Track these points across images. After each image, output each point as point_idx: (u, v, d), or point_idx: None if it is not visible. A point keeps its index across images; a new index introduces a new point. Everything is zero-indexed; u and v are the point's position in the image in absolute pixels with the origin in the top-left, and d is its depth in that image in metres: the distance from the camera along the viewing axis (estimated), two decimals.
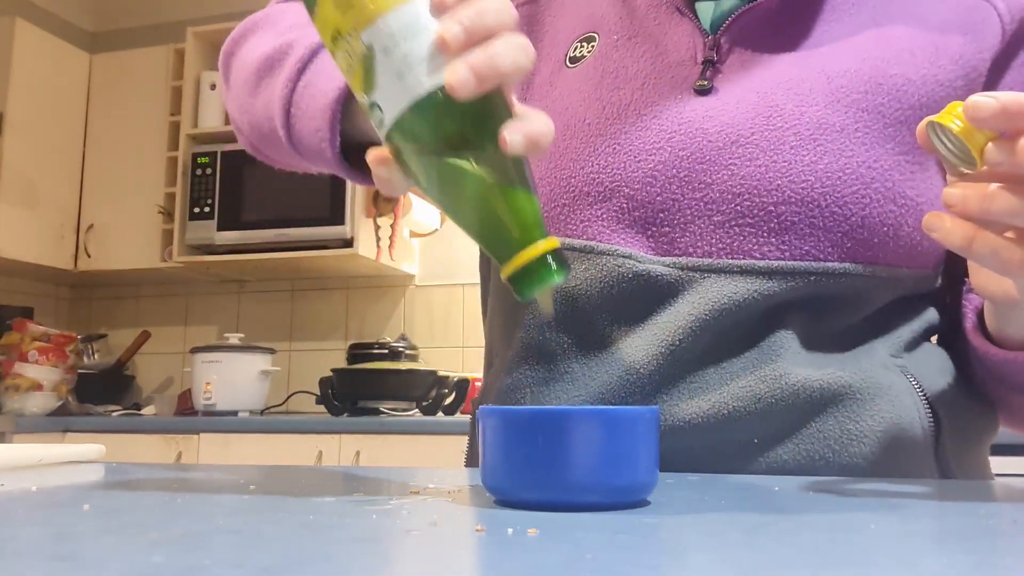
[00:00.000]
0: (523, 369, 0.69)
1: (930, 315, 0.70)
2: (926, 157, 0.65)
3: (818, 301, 0.64)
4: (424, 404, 2.55)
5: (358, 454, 2.36)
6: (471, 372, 2.70)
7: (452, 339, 3.00)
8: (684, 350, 0.63)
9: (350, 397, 2.55)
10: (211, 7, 3.33)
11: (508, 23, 0.44)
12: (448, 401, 2.57)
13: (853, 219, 0.62)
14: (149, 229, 3.02)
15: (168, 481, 0.55)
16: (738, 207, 0.63)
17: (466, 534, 0.36)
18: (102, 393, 3.02)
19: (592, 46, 0.73)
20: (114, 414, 2.83)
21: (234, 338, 2.82)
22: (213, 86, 2.99)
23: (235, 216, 2.86)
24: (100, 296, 3.43)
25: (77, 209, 3.12)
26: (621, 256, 0.65)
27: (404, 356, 2.67)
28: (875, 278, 0.64)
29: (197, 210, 2.89)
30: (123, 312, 3.38)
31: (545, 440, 0.41)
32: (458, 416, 2.55)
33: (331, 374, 2.59)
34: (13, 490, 0.49)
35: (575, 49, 0.74)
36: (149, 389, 3.30)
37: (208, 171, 2.90)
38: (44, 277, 3.24)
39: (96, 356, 3.17)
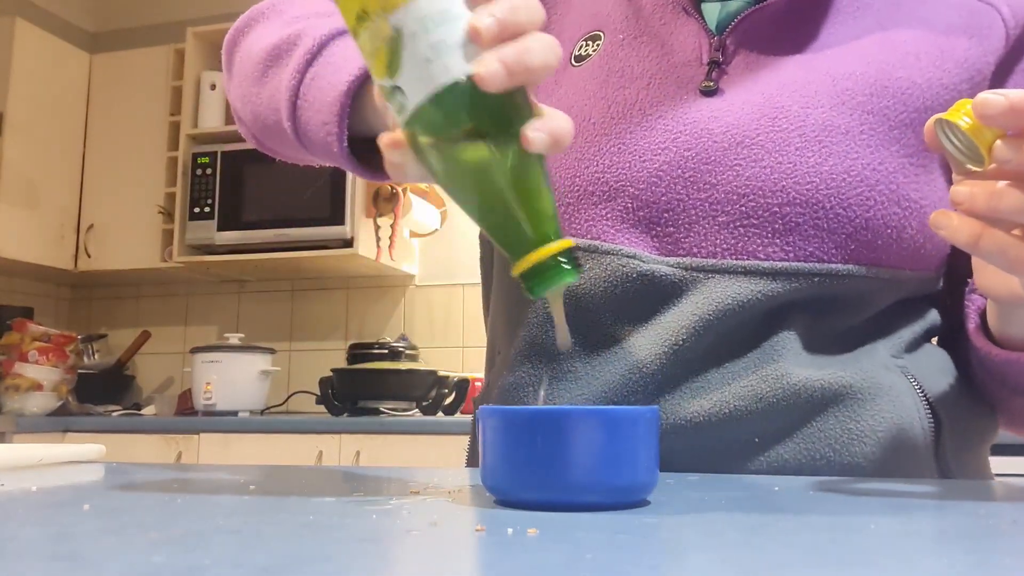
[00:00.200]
0: (525, 367, 0.69)
1: (931, 317, 0.70)
2: (930, 160, 0.65)
3: (821, 302, 0.64)
4: (424, 404, 2.55)
5: (358, 454, 2.36)
6: (471, 372, 2.70)
7: (452, 339, 3.00)
8: (687, 350, 0.63)
9: (350, 397, 2.55)
10: (211, 7, 3.33)
11: (538, 22, 0.44)
12: (448, 401, 2.57)
13: (857, 221, 0.62)
14: (149, 229, 3.02)
15: (168, 481, 0.55)
16: (743, 208, 0.63)
17: (466, 534, 0.36)
18: (102, 393, 3.02)
19: (597, 45, 0.73)
20: (114, 414, 2.83)
21: (234, 338, 2.82)
22: (213, 86, 3.00)
23: (235, 216, 2.85)
24: (100, 296, 3.43)
25: (77, 209, 3.12)
26: (625, 256, 0.65)
27: (404, 356, 2.67)
28: (878, 280, 0.64)
29: (197, 210, 2.89)
30: (123, 312, 3.38)
31: (545, 440, 0.41)
32: (458, 416, 2.55)
33: (331, 374, 2.59)
34: (13, 490, 0.49)
35: (580, 48, 0.74)
36: (149, 389, 3.30)
37: (208, 171, 2.90)
38: (44, 277, 3.24)
39: (96, 356, 3.18)
